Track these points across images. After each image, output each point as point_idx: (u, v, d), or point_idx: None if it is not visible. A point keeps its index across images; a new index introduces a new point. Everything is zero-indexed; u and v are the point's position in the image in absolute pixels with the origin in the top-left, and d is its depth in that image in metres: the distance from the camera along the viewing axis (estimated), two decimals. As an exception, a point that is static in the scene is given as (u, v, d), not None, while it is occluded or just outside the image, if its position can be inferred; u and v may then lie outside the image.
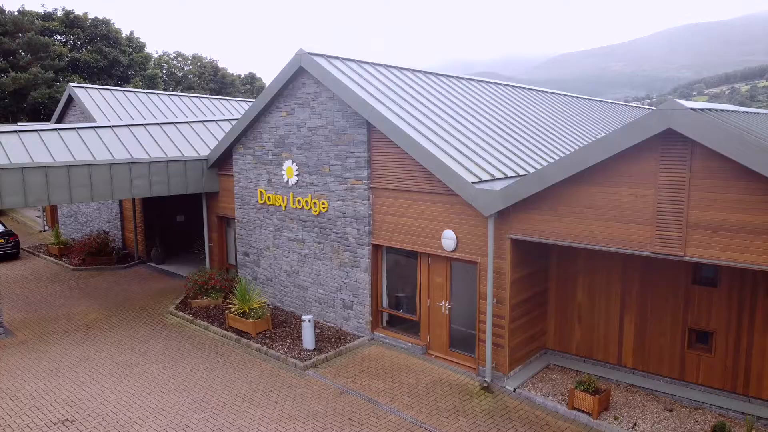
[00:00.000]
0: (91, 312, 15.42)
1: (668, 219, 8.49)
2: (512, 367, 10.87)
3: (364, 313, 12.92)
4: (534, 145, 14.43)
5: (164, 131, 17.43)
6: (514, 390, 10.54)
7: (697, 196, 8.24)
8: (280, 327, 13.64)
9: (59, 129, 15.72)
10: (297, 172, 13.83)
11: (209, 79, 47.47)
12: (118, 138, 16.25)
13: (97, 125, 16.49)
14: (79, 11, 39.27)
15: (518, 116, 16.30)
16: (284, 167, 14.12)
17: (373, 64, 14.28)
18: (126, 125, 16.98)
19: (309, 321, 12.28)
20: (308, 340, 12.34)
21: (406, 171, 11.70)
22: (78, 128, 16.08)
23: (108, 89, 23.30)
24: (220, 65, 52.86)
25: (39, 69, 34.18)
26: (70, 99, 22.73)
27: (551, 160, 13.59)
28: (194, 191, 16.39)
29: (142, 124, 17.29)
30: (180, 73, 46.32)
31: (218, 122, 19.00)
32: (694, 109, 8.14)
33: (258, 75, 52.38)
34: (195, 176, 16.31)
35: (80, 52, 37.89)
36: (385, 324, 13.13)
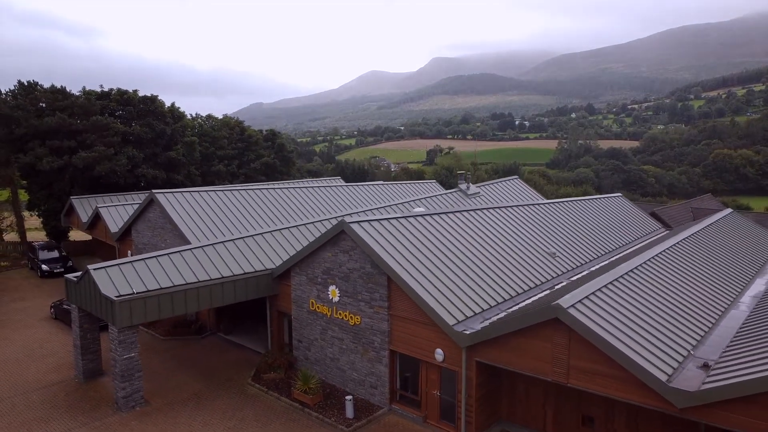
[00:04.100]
0: (193, 383, 22.26)
1: (559, 362, 15.27)
2: (478, 434, 17.71)
3: (385, 392, 19.74)
4: (511, 271, 21.04)
5: (237, 246, 24.29)
6: (479, 449, 17.36)
7: (574, 351, 15.00)
8: (328, 398, 20.46)
9: (170, 254, 22.53)
10: (339, 294, 20.63)
11: (237, 139, 54.65)
12: (208, 256, 23.10)
13: (192, 247, 23.33)
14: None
15: (502, 241, 22.93)
16: (329, 289, 20.93)
17: (389, 219, 21.06)
18: (211, 244, 23.84)
19: (350, 400, 19.14)
20: (349, 411, 19.18)
21: (412, 306, 18.47)
22: (181, 251, 22.91)
23: (181, 191, 30.13)
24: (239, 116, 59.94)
25: (102, 147, 41.06)
26: (151, 200, 29.60)
27: (521, 284, 20.36)
28: (263, 295, 23.27)
29: (221, 242, 24.16)
30: (212, 133, 53.50)
31: (272, 233, 25.83)
32: (574, 305, 14.95)
33: (278, 131, 59.74)
34: (263, 284, 23.16)
35: (131, 126, 44.84)
36: (398, 398, 19.92)
